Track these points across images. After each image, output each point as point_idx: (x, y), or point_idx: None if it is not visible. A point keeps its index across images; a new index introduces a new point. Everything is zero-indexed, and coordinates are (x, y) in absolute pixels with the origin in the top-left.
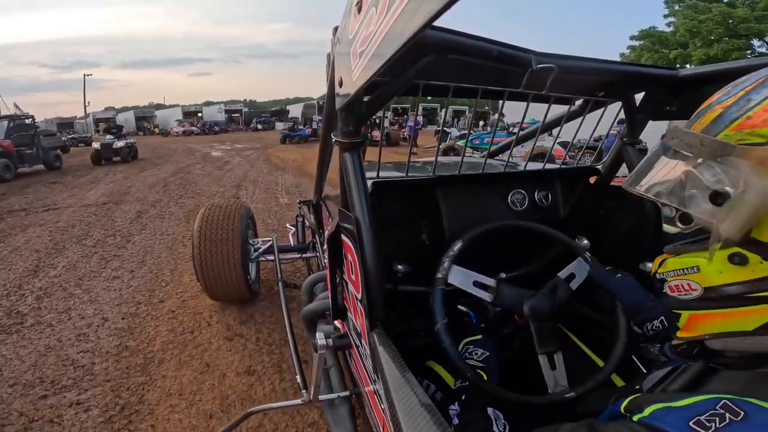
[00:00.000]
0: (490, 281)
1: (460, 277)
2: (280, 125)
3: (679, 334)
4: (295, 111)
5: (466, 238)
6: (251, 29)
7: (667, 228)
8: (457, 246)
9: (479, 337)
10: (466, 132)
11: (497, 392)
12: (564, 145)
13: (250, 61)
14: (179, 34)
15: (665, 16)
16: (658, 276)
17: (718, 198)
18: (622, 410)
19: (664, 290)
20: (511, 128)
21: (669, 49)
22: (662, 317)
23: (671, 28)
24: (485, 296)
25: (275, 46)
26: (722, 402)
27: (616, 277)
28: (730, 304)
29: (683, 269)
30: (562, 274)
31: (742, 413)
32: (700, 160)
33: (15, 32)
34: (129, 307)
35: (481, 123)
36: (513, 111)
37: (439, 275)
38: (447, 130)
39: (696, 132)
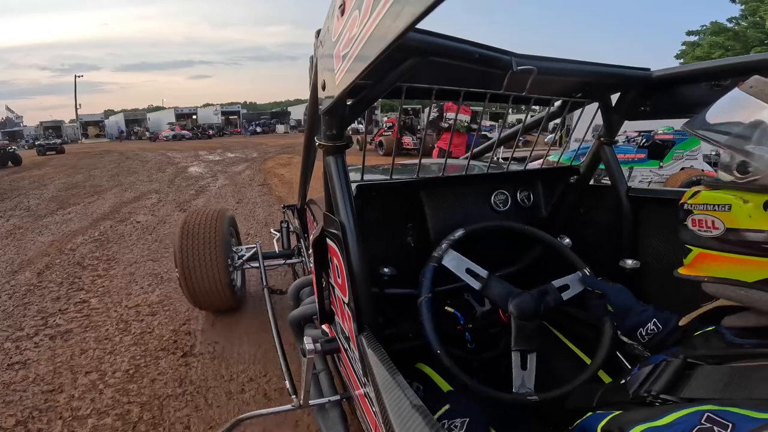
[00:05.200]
0: (483, 272)
1: (454, 262)
2: (281, 127)
3: (681, 270)
4: (297, 112)
5: (469, 228)
6: (251, 32)
7: (721, 175)
8: (459, 233)
9: (447, 407)
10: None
11: (464, 381)
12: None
13: (251, 64)
14: (179, 37)
15: (742, 11)
16: (685, 207)
17: None
18: (600, 430)
19: (686, 222)
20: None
21: (750, 46)
22: (654, 319)
23: (732, 24)
24: (474, 284)
25: (275, 49)
26: (705, 415)
27: (609, 284)
28: (744, 250)
29: (714, 205)
30: (557, 283)
31: (729, 425)
32: None
33: (15, 35)
34: None
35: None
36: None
37: (435, 254)
38: (490, 135)
39: None
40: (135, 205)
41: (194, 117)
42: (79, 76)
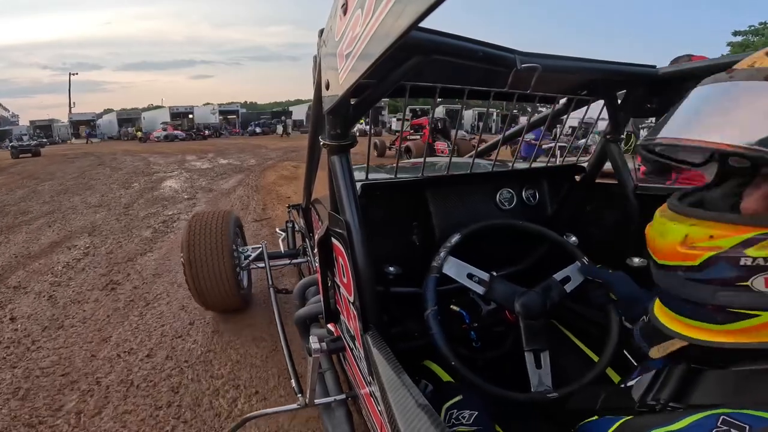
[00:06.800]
0: (485, 275)
1: (454, 269)
2: (280, 129)
3: (726, 338)
4: (299, 112)
5: (464, 232)
6: (252, 32)
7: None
8: (455, 238)
9: (459, 397)
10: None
11: (479, 385)
12: None
13: (252, 64)
14: (180, 36)
15: None
16: (747, 263)
17: None
18: None
19: (747, 283)
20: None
21: None
22: None
23: None
24: (478, 289)
25: (276, 49)
26: (721, 418)
27: (610, 272)
28: None
29: None
30: (558, 275)
31: (746, 427)
32: None
33: (16, 34)
34: None
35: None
36: None
37: (434, 264)
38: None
39: None
40: (38, 266)
41: (190, 116)
42: (73, 74)
